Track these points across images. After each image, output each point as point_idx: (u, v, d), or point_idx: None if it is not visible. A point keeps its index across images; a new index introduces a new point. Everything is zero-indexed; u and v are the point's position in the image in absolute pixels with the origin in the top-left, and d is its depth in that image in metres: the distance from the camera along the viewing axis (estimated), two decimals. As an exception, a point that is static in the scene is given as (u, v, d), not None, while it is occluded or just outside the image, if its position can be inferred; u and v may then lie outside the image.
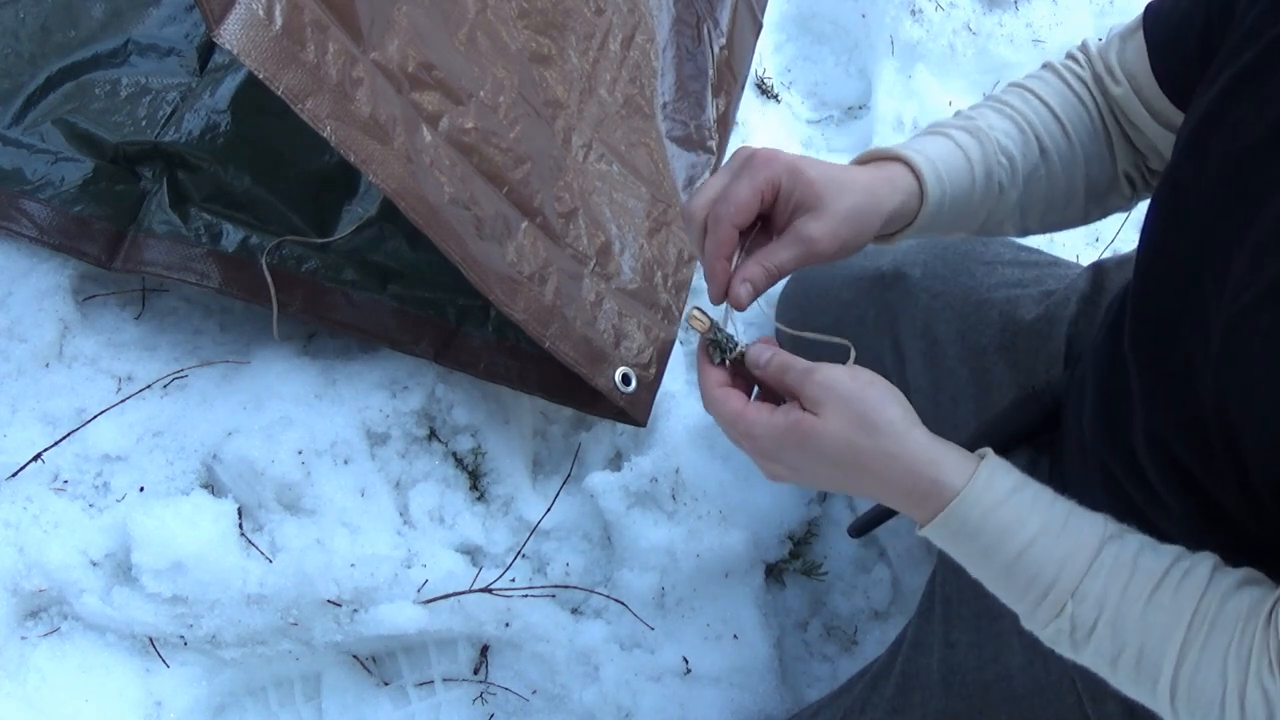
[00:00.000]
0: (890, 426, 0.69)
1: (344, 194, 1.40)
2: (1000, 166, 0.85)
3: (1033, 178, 0.87)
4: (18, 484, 1.20)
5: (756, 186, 0.75)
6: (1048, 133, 0.88)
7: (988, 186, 0.85)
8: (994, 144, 0.85)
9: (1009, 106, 0.89)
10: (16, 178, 1.35)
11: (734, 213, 0.75)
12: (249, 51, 0.96)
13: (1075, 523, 0.68)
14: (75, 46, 1.46)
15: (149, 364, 1.33)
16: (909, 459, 0.69)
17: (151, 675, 1.18)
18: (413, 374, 1.32)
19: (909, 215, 0.82)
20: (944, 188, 0.82)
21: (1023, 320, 1.08)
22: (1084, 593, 0.66)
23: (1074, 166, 0.89)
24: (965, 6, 1.87)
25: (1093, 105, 0.89)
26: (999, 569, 0.68)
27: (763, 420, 0.72)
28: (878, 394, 0.70)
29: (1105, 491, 0.82)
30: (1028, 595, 0.67)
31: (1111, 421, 0.80)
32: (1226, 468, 0.66)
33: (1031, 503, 0.69)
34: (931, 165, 0.81)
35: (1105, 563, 0.66)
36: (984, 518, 0.68)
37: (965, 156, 0.84)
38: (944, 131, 0.86)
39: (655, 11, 1.56)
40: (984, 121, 0.87)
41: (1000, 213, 0.88)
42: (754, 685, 1.25)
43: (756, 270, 0.76)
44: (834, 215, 0.75)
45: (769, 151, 0.77)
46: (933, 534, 0.71)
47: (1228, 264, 0.65)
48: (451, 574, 1.24)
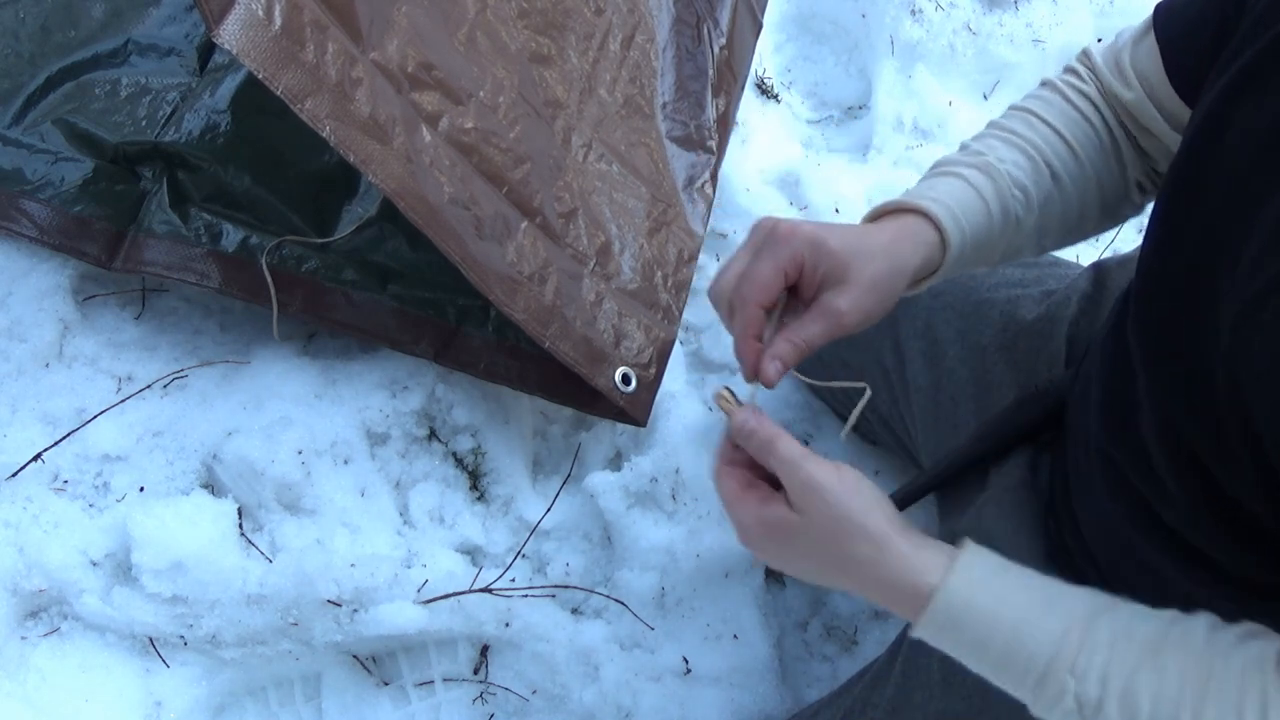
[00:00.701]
0: (873, 534, 0.69)
1: (344, 194, 1.40)
2: (1015, 200, 0.85)
3: (1047, 204, 0.87)
4: (18, 484, 1.20)
5: (780, 265, 0.75)
6: (1057, 157, 0.87)
7: (1005, 221, 0.84)
8: (1006, 178, 0.84)
9: (1015, 135, 0.88)
10: (16, 178, 1.35)
11: (758, 293, 0.75)
12: (248, 51, 0.96)
13: (1062, 600, 0.67)
14: (75, 46, 1.46)
15: (149, 364, 1.33)
16: (890, 565, 0.69)
17: (151, 675, 1.18)
18: (413, 374, 1.32)
19: (933, 266, 0.82)
20: (964, 234, 0.81)
21: (1023, 320, 1.08)
22: (1084, 668, 0.64)
23: (1085, 185, 0.89)
24: (965, 6, 1.87)
25: (1098, 119, 0.89)
26: (994, 658, 0.67)
27: (748, 511, 0.72)
28: (862, 502, 0.70)
29: (1109, 489, 0.82)
30: (1027, 679, 0.66)
31: (1119, 415, 0.80)
32: (1242, 459, 0.65)
33: (1014, 586, 0.68)
34: (950, 213, 0.81)
35: (1101, 635, 0.65)
36: (967, 608, 0.67)
37: (979, 196, 0.83)
38: (955, 171, 0.85)
39: (655, 11, 1.56)
40: (993, 155, 0.86)
41: (1018, 242, 0.88)
42: (754, 685, 1.25)
43: (785, 348, 0.75)
44: (859, 285, 0.75)
45: (789, 226, 0.76)
46: (924, 633, 0.70)
47: (1238, 254, 0.64)
48: (451, 574, 1.24)
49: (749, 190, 1.64)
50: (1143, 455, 0.77)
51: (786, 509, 0.70)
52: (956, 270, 0.84)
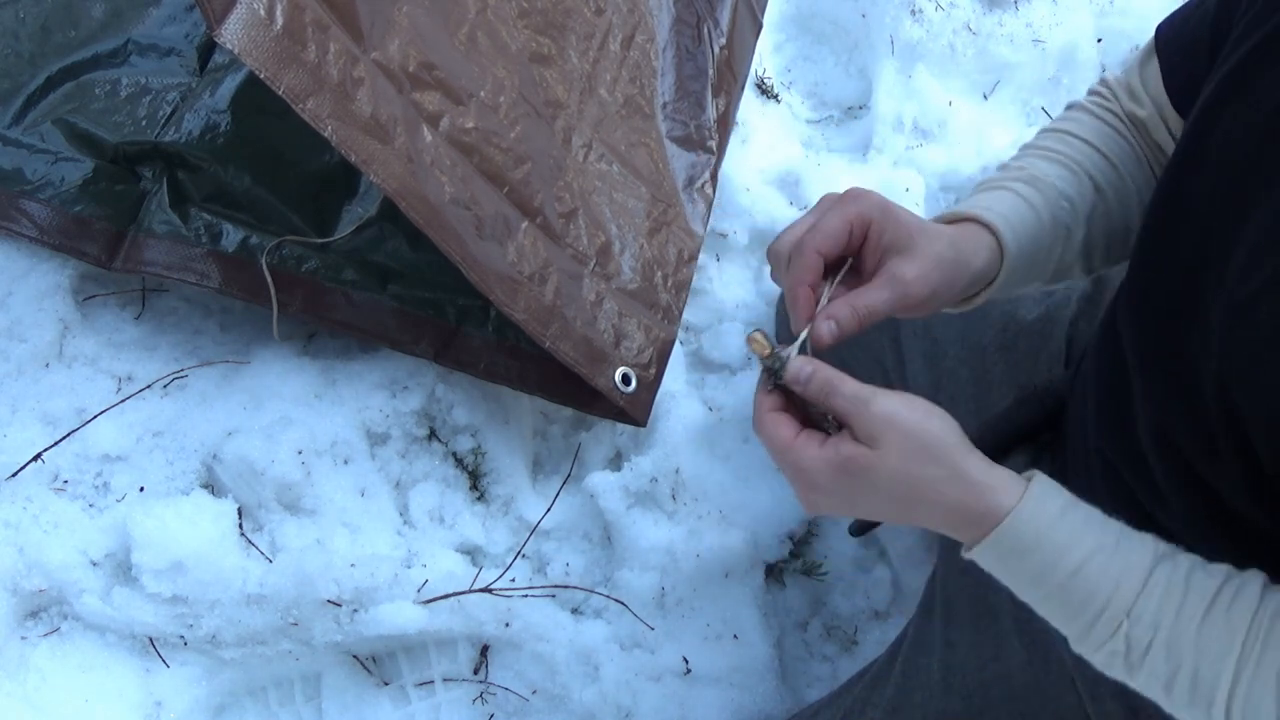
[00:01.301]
0: (949, 456, 0.68)
1: (344, 194, 1.40)
2: (1063, 210, 0.84)
3: (1093, 217, 0.87)
4: (18, 484, 1.20)
5: (847, 217, 0.73)
6: (1098, 170, 0.87)
7: (1054, 232, 0.84)
8: (1053, 189, 0.84)
9: (1053, 151, 0.88)
10: (16, 178, 1.34)
11: (820, 240, 0.72)
12: (250, 51, 0.96)
13: (1127, 542, 0.67)
14: (75, 46, 1.46)
15: (149, 364, 1.33)
16: (964, 485, 0.68)
17: (151, 675, 1.18)
18: (413, 374, 1.32)
19: (991, 273, 0.81)
20: (1019, 242, 0.81)
21: (1023, 320, 1.08)
22: (1139, 612, 0.65)
23: (1127, 198, 0.88)
24: (965, 6, 1.87)
25: (1130, 134, 0.89)
26: (1052, 589, 0.67)
27: (812, 454, 0.69)
28: (938, 426, 0.69)
29: (1108, 490, 0.82)
30: (1082, 615, 0.67)
31: (1115, 418, 0.80)
32: (1232, 462, 0.66)
33: (1084, 522, 0.68)
34: (1005, 221, 0.80)
35: (1159, 582, 0.65)
36: (1037, 537, 0.67)
37: (1031, 207, 0.83)
38: (1003, 185, 0.85)
39: (655, 11, 1.56)
40: (1036, 169, 0.86)
41: (1068, 258, 0.87)
42: (754, 685, 1.25)
43: (844, 310, 0.73)
44: (926, 258, 0.74)
45: (860, 189, 0.75)
46: (983, 554, 0.69)
47: (1226, 259, 0.65)
48: (451, 574, 1.24)
49: (749, 190, 1.64)
50: (1137, 455, 0.77)
51: (856, 445, 0.68)
52: (1012, 283, 0.83)
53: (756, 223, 1.64)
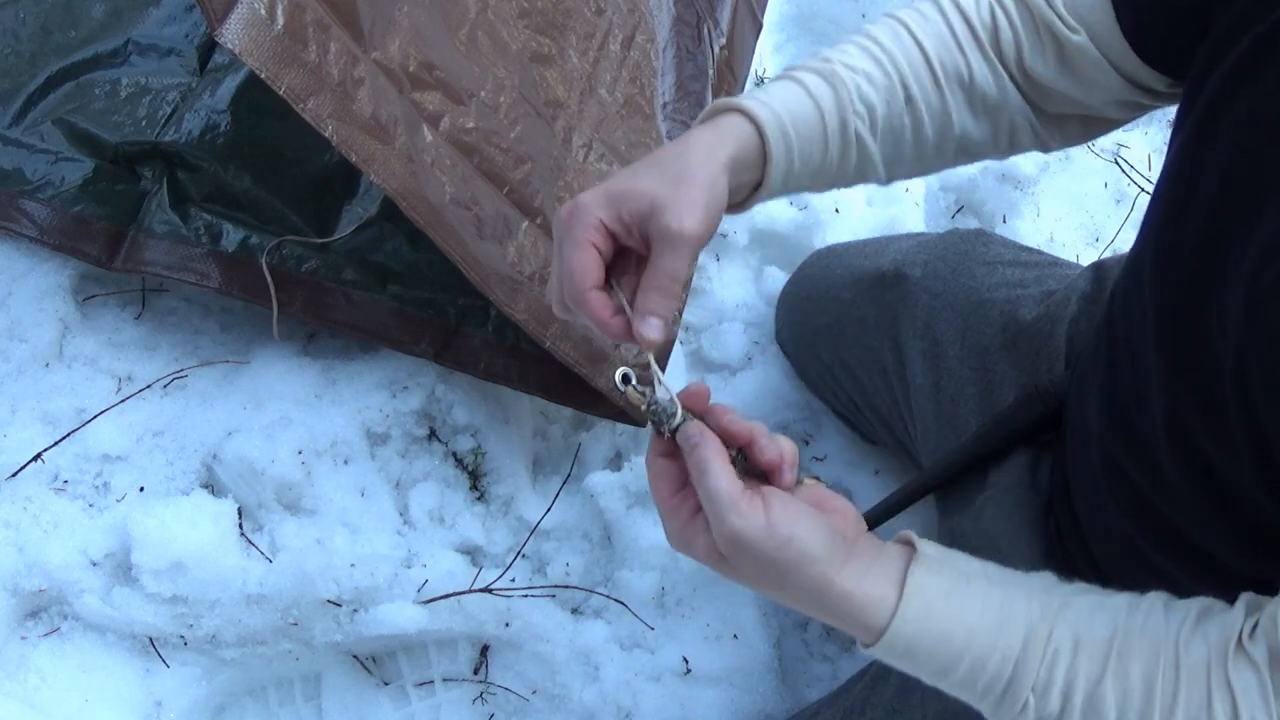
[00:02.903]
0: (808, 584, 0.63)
1: (344, 194, 1.40)
2: (857, 116, 0.78)
3: (896, 128, 0.81)
4: (18, 484, 1.20)
5: (584, 241, 0.69)
6: (916, 79, 0.80)
7: (843, 137, 0.78)
8: (852, 90, 0.78)
9: (876, 44, 0.81)
10: (16, 178, 1.34)
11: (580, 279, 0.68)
12: (251, 51, 0.96)
13: (1017, 609, 0.64)
14: (75, 46, 1.46)
15: (149, 364, 1.33)
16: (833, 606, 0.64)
17: (151, 675, 1.18)
18: (413, 374, 1.32)
19: (755, 167, 0.75)
20: (788, 140, 0.75)
21: (1023, 320, 1.08)
22: (1044, 684, 0.62)
23: (944, 118, 0.82)
24: (965, 7, 1.87)
25: (975, 53, 0.82)
26: (958, 679, 0.65)
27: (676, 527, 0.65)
28: (795, 555, 0.62)
29: (1109, 486, 0.82)
30: (988, 697, 0.64)
31: (1120, 407, 0.80)
32: (1245, 448, 0.65)
33: (964, 602, 0.64)
34: (773, 115, 0.74)
35: (1061, 643, 0.63)
36: (921, 634, 0.64)
37: (816, 105, 0.77)
38: (795, 77, 0.79)
39: (655, 11, 1.56)
40: (844, 62, 0.79)
41: (862, 165, 0.81)
42: (754, 685, 1.25)
43: (652, 298, 0.68)
44: (681, 198, 0.68)
45: (571, 203, 0.70)
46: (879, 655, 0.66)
47: (1246, 241, 0.64)
48: (451, 574, 1.24)
49: (749, 190, 1.64)
50: (1144, 447, 0.76)
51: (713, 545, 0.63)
52: (792, 183, 0.78)
53: (756, 223, 1.64)
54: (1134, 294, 0.79)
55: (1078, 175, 1.85)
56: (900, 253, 1.24)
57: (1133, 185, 1.84)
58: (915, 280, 1.18)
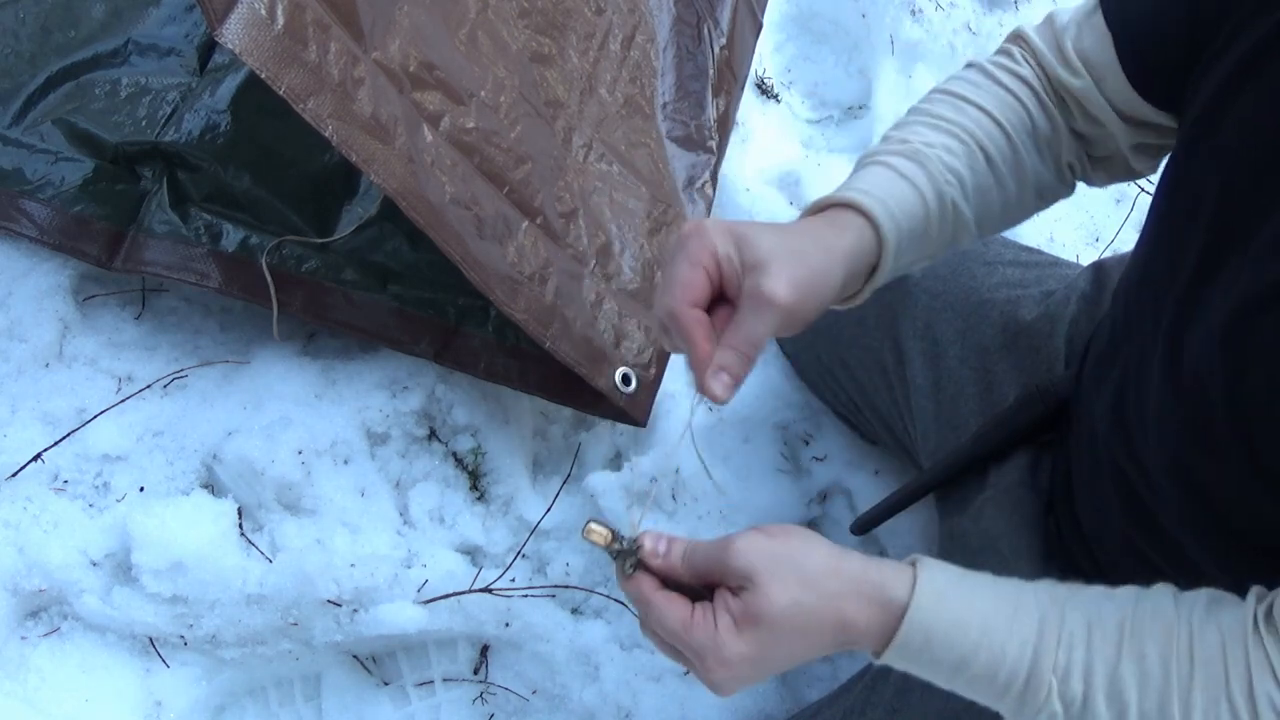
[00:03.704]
0: (824, 567, 0.66)
1: (344, 194, 1.40)
2: (950, 186, 0.80)
3: (984, 190, 0.83)
4: (18, 484, 1.20)
5: (694, 259, 0.69)
6: (990, 140, 0.83)
7: (941, 210, 0.80)
8: (939, 164, 0.80)
9: (943, 120, 0.83)
10: (17, 178, 1.34)
11: (680, 294, 0.68)
12: (251, 51, 0.96)
13: (1027, 598, 0.66)
14: (75, 46, 1.46)
15: (149, 364, 1.33)
16: (855, 590, 0.66)
17: (151, 675, 1.18)
18: (413, 374, 1.32)
19: (870, 257, 0.76)
20: (898, 225, 0.77)
21: (1023, 320, 1.08)
22: (1065, 666, 0.63)
23: (1020, 170, 0.85)
24: (965, 6, 1.87)
25: (1032, 101, 0.85)
26: (976, 670, 0.65)
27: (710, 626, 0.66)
28: (798, 542, 0.67)
29: (1114, 489, 0.82)
30: (1011, 688, 0.64)
31: (1124, 418, 0.80)
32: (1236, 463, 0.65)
33: (975, 595, 0.66)
34: (880, 203, 0.76)
35: (1075, 628, 0.64)
36: (938, 620, 0.65)
37: (912, 186, 0.79)
38: (883, 162, 0.80)
39: (655, 11, 1.56)
40: (921, 142, 0.81)
41: (958, 230, 0.84)
42: (754, 685, 1.25)
43: (729, 356, 0.68)
44: (784, 263, 0.69)
45: (693, 223, 0.72)
46: (894, 657, 0.67)
47: (1237, 264, 0.64)
48: (451, 574, 1.24)
49: (749, 190, 1.64)
50: (1143, 460, 0.76)
51: (734, 595, 0.66)
52: (900, 264, 0.79)
53: (756, 223, 1.63)
54: (1136, 301, 0.79)
55: (1078, 175, 1.85)
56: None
57: (1133, 185, 1.84)
58: (915, 280, 1.18)
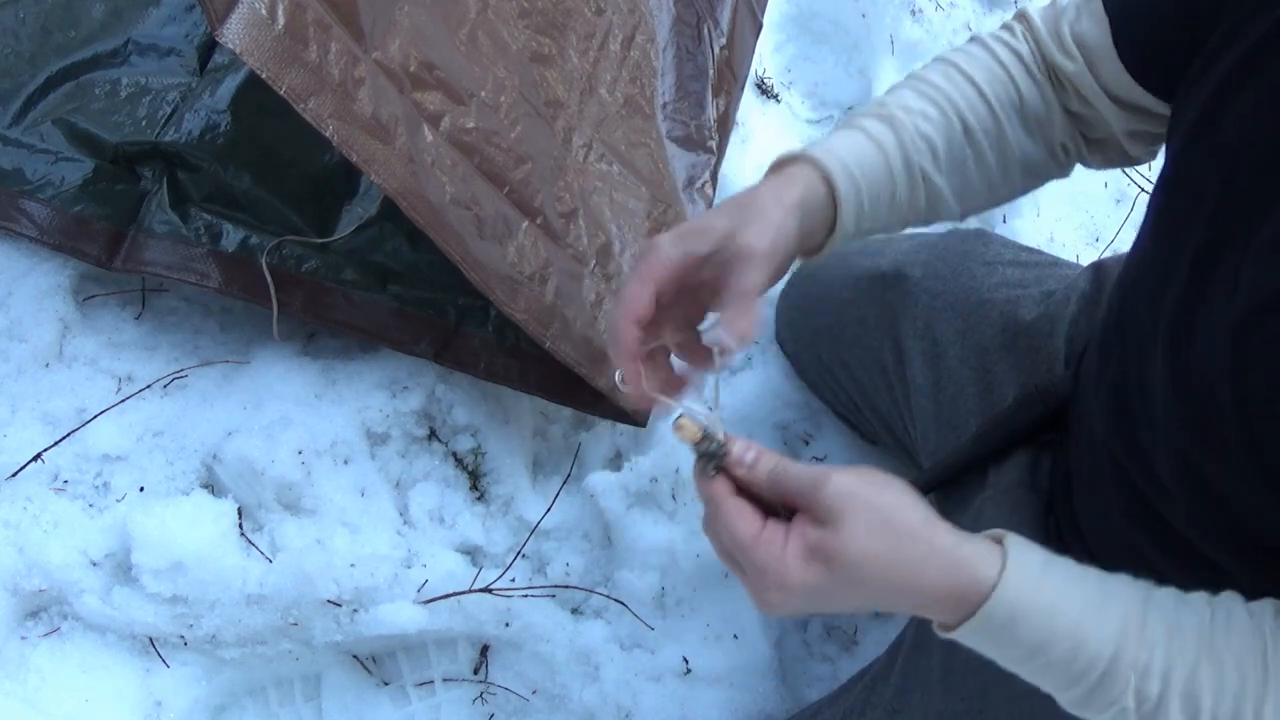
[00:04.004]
0: (919, 531, 0.64)
1: (344, 194, 1.39)
2: (919, 152, 0.81)
3: (960, 160, 0.83)
4: (18, 484, 1.20)
5: (644, 278, 0.71)
6: (972, 112, 0.83)
7: (910, 175, 0.80)
8: (911, 130, 0.80)
9: (929, 85, 0.84)
10: (16, 178, 1.34)
11: (626, 311, 0.70)
12: (251, 51, 0.96)
13: (1113, 590, 0.65)
14: (75, 46, 1.46)
15: (149, 364, 1.33)
16: (942, 562, 0.64)
17: (151, 675, 1.18)
18: (413, 374, 1.32)
19: (826, 214, 0.77)
20: (856, 183, 0.77)
21: (1023, 320, 1.08)
22: (1145, 665, 0.62)
23: (1004, 145, 0.85)
24: (965, 6, 1.87)
25: (1025, 79, 0.84)
26: (1052, 657, 0.64)
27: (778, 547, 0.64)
28: (895, 497, 0.65)
29: (1114, 489, 0.82)
30: (1085, 679, 0.63)
31: (1126, 416, 0.80)
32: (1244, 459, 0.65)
33: (1066, 579, 0.65)
34: (838, 160, 0.77)
35: (1156, 629, 0.63)
36: (1026, 606, 0.63)
37: (878, 147, 0.79)
38: (856, 124, 0.82)
39: (655, 11, 1.56)
40: (900, 105, 0.82)
41: (933, 201, 0.84)
42: (754, 685, 1.25)
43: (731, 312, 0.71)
44: (747, 224, 0.71)
45: (652, 240, 0.73)
46: (973, 632, 0.65)
47: (1236, 261, 0.64)
48: (451, 574, 1.24)
49: (749, 190, 1.64)
50: (1146, 455, 0.76)
51: (819, 529, 0.63)
52: (864, 226, 0.79)
53: (756, 223, 1.63)
54: (1133, 299, 0.79)
55: (1078, 175, 1.84)
56: (900, 252, 1.24)
57: (1133, 185, 1.84)
58: (915, 280, 1.18)
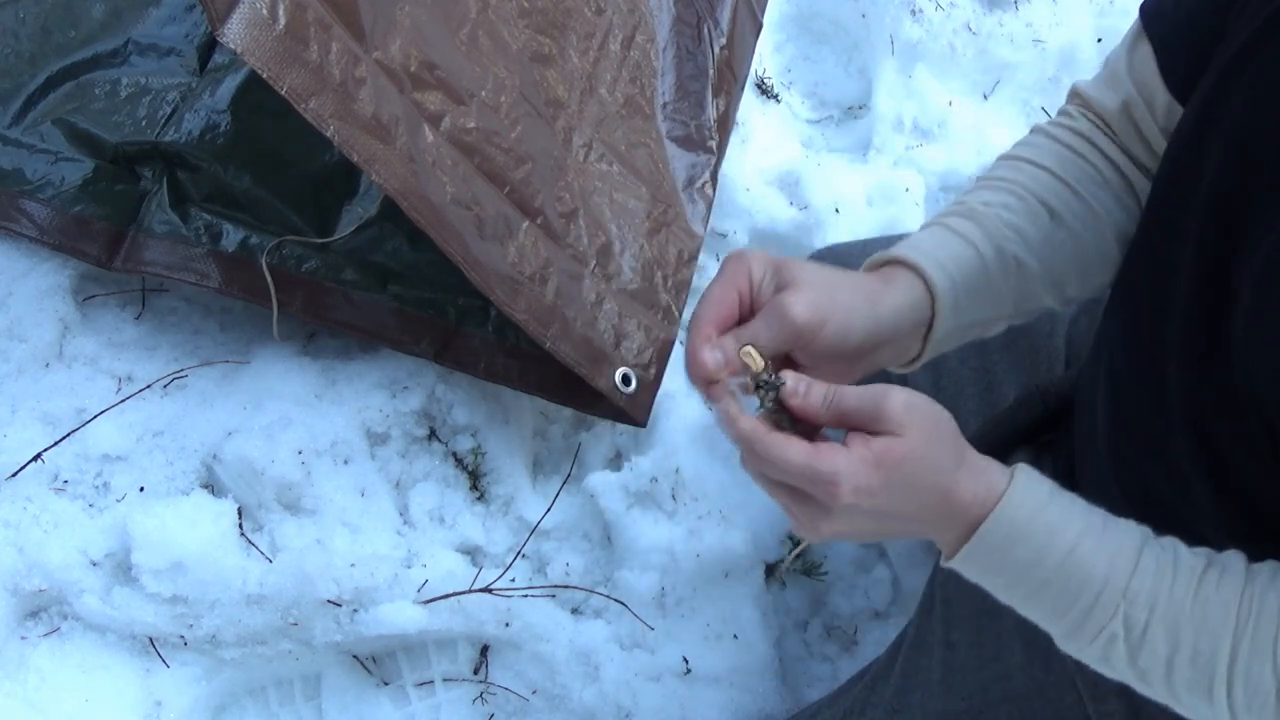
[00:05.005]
0: (958, 440, 0.67)
1: (344, 194, 1.40)
2: (1009, 240, 0.81)
3: (1052, 244, 0.83)
4: (18, 484, 1.20)
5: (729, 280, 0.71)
6: (1053, 194, 0.84)
7: (1002, 263, 0.81)
8: (996, 220, 0.81)
9: (1001, 180, 0.85)
10: (17, 178, 1.34)
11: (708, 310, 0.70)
12: (252, 51, 0.96)
13: (1113, 524, 0.67)
14: (75, 46, 1.46)
15: (149, 364, 1.33)
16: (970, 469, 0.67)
17: (151, 675, 1.18)
18: (413, 374, 1.32)
19: (920, 310, 0.77)
20: (951, 277, 0.77)
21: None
22: (1135, 592, 0.65)
23: (1095, 222, 0.85)
24: (965, 6, 1.87)
25: (1095, 154, 0.86)
26: (1048, 574, 0.66)
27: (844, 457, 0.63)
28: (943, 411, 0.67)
29: (1120, 485, 0.82)
30: (1079, 601, 0.66)
31: (1133, 406, 0.79)
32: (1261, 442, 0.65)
33: (1070, 504, 0.68)
34: (931, 259, 0.77)
35: (1149, 562, 0.65)
36: (1030, 520, 0.66)
37: (965, 240, 0.80)
38: (939, 222, 0.82)
39: (655, 11, 1.56)
40: (978, 201, 0.83)
41: (1031, 288, 0.84)
42: (754, 685, 1.25)
43: (729, 342, 0.70)
44: (810, 286, 0.70)
45: (739, 250, 0.74)
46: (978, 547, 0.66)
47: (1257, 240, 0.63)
48: (451, 574, 1.24)
49: (749, 190, 1.64)
50: (1158, 443, 0.76)
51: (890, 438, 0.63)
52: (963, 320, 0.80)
53: (756, 223, 1.64)
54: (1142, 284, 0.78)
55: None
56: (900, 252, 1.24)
57: (1132, 185, 1.84)
58: (916, 281, 1.17)
